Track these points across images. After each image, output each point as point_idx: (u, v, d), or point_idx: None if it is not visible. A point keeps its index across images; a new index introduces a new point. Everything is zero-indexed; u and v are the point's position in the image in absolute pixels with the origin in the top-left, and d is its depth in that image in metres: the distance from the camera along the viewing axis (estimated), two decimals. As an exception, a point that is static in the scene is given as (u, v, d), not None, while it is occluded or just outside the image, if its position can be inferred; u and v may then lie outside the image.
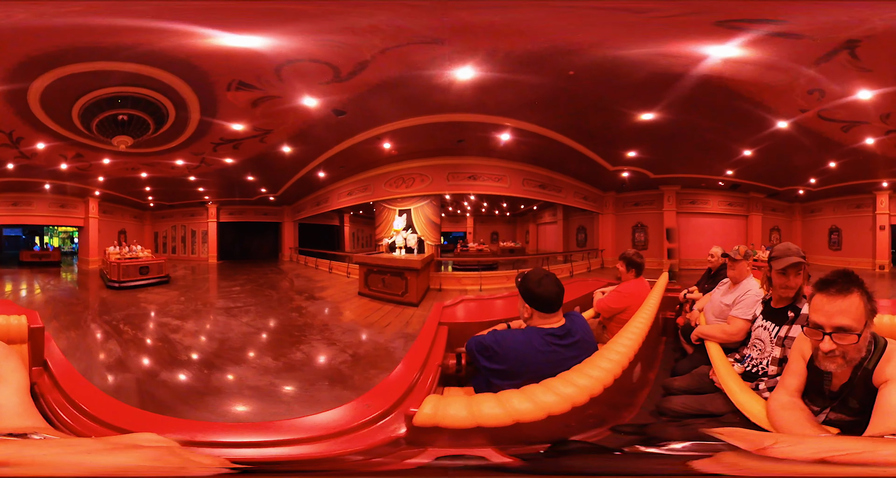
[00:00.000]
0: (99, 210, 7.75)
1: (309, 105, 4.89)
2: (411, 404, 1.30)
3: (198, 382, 3.80)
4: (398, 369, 1.94)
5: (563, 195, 7.77)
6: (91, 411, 1.53)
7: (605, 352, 1.74)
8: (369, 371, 3.98)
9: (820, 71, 4.04)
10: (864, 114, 4.81)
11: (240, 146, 6.06)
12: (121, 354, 4.39)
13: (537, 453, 1.20)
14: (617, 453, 1.27)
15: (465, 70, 4.18)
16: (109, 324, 5.40)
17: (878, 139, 5.34)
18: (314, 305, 6.72)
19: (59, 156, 6.11)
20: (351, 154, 6.70)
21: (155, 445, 0.98)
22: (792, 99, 4.63)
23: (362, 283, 7.00)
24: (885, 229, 6.77)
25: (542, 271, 1.87)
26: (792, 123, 5.13)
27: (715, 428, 1.21)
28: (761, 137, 5.51)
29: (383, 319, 5.81)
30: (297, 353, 4.54)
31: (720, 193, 7.43)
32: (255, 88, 4.49)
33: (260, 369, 4.07)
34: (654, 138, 5.88)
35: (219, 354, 4.48)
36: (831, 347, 1.33)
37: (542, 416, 1.21)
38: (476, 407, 1.20)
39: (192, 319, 5.83)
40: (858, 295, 1.35)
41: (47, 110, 4.92)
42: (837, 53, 3.73)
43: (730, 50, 3.77)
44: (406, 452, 1.24)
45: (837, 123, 5.04)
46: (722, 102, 4.76)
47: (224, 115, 5.19)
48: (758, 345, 2.21)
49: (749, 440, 1.08)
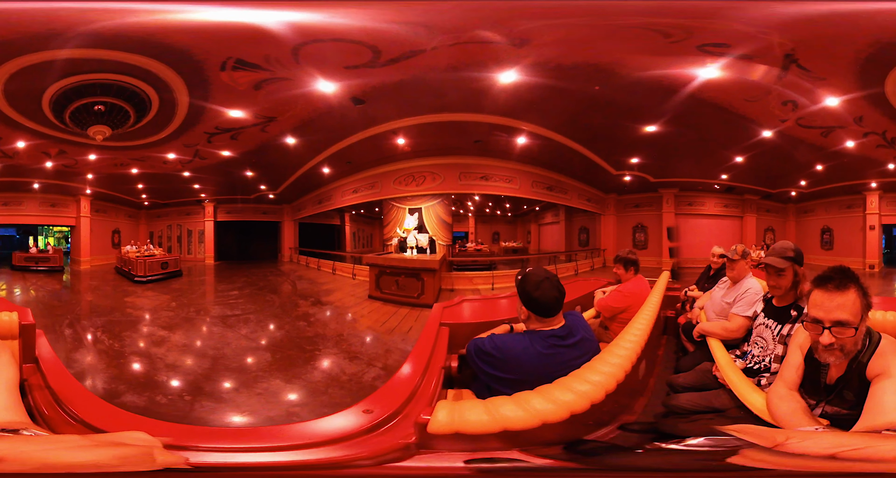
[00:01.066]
0: (91, 209, 7.51)
1: (325, 91, 4.39)
2: (416, 409, 1.30)
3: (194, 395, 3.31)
4: (400, 372, 1.90)
5: (569, 197, 7.90)
6: (76, 412, 1.52)
7: (613, 349, 1.74)
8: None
9: (784, 85, 4.30)
10: (838, 118, 5.01)
11: (238, 136, 5.51)
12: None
13: (559, 452, 1.20)
14: (639, 451, 1.28)
15: (509, 74, 4.16)
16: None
17: (858, 142, 5.54)
18: (321, 311, 6.15)
19: (42, 153, 5.81)
20: (361, 149, 6.37)
21: (138, 444, 1.00)
22: (769, 111, 4.91)
23: (373, 285, 6.69)
24: (876, 229, 6.87)
25: (542, 273, 1.79)
26: (775, 132, 5.39)
27: (728, 425, 1.24)
28: (750, 145, 5.78)
29: (403, 325, 5.33)
30: (315, 372, 3.85)
31: (716, 195, 7.58)
32: (259, 69, 3.95)
33: (267, 395, 3.38)
34: (655, 147, 6.15)
35: (209, 377, 3.73)
36: (830, 340, 1.39)
37: (565, 415, 1.19)
38: (496, 411, 1.18)
39: (180, 329, 5.18)
40: (855, 291, 1.40)
41: (15, 106, 4.58)
42: (787, 69, 4.00)
43: (711, 72, 4.12)
44: (419, 456, 1.22)
45: (816, 129, 5.26)
46: (713, 115, 5.06)
47: (219, 98, 4.57)
48: (759, 342, 2.24)
49: (764, 437, 1.12)
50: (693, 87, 4.36)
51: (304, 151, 6.39)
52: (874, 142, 5.45)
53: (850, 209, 7.14)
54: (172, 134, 5.32)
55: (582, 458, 1.22)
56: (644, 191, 7.65)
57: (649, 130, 5.56)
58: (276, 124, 5.23)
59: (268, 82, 4.18)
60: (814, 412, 1.51)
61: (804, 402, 1.53)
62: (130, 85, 4.28)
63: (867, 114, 4.81)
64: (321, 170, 7.43)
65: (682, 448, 1.25)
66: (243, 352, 4.30)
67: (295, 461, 1.25)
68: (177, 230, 8.46)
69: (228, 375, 3.70)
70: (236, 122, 5.09)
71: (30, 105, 4.52)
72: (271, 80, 4.15)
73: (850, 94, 4.45)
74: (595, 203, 8.13)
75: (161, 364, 3.96)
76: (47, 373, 1.86)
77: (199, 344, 4.69)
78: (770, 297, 2.29)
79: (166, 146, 5.74)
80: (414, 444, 1.24)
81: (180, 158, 6.16)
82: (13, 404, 1.33)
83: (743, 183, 7.31)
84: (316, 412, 3.01)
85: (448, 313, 2.88)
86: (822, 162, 6.32)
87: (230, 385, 3.54)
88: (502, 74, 4.17)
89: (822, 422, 1.44)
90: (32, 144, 5.40)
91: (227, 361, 4.06)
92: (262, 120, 5.07)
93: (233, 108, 4.78)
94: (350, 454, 1.29)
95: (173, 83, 4.26)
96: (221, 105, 4.69)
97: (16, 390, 1.40)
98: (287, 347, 4.53)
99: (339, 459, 1.27)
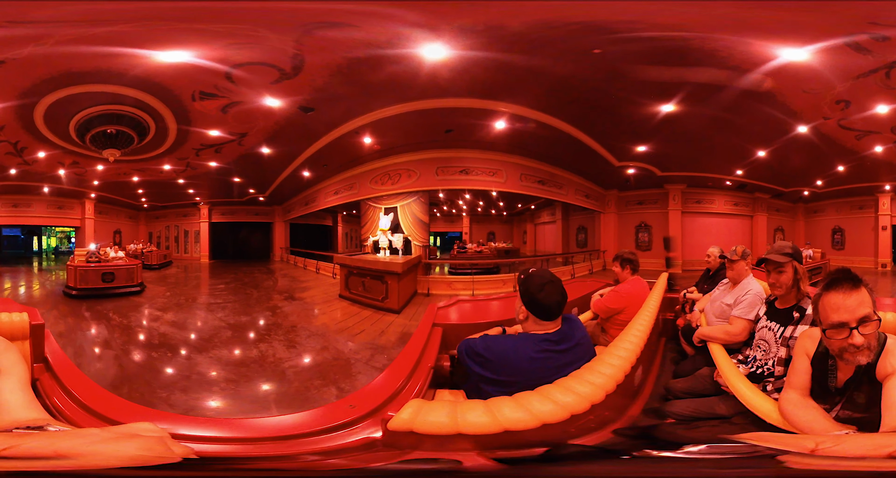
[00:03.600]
0: (95, 211, 7.91)
1: (272, 105, 4.94)
2: (396, 407, 1.29)
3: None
4: (388, 370, 1.92)
5: (564, 192, 7.35)
6: (91, 405, 1.62)
7: (606, 357, 1.69)
8: (314, 381, 3.84)
9: (855, 85, 4.12)
10: (878, 125, 5.00)
11: (221, 150, 6.22)
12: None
13: (529, 457, 1.16)
14: (625, 457, 1.22)
15: (433, 49, 3.78)
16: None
17: (887, 147, 5.55)
18: (291, 305, 6.59)
19: (58, 163, 6.57)
20: (331, 151, 6.50)
21: (150, 434, 1.03)
22: (818, 106, 4.73)
23: (343, 285, 6.71)
24: (888, 230, 7.01)
25: (547, 275, 1.77)
26: (811, 127, 5.24)
27: (740, 434, 1.22)
28: (780, 139, 5.59)
29: (357, 326, 5.56)
30: (254, 351, 4.63)
31: (726, 192, 7.30)
32: (217, 96, 4.69)
33: (214, 358, 4.34)
34: (667, 132, 5.58)
35: (187, 342, 4.88)
36: (862, 340, 1.36)
37: (535, 425, 1.17)
38: (460, 415, 1.18)
39: (172, 311, 6.19)
40: (864, 286, 1.42)
41: (49, 125, 5.39)
42: (878, 72, 3.85)
43: (798, 53, 3.58)
44: (374, 455, 1.26)
45: (853, 131, 5.23)
46: (748, 102, 4.69)
47: (198, 122, 5.41)
48: (762, 345, 2.18)
49: (789, 444, 1.12)
50: (757, 68, 3.78)
51: (280, 157, 6.85)
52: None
53: (861, 210, 7.21)
54: (166, 151, 6.20)
55: (552, 465, 1.16)
56: (648, 186, 7.21)
57: (664, 111, 4.91)
58: (249, 138, 5.95)
59: (229, 106, 4.96)
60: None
61: (821, 407, 1.50)
62: (133, 113, 5.30)
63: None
64: (301, 173, 7.58)
65: (678, 456, 1.21)
66: (214, 329, 5.43)
67: (273, 452, 1.34)
68: (174, 231, 8.84)
69: (199, 343, 4.91)
70: (217, 139, 5.91)
71: (60, 125, 5.45)
72: (231, 104, 4.90)
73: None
74: (594, 200, 7.61)
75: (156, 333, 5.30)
76: (57, 371, 1.92)
77: (185, 321, 5.89)
78: (773, 299, 2.23)
79: (162, 160, 6.60)
80: (379, 440, 1.25)
81: (175, 169, 7.02)
82: (31, 401, 1.34)
83: (756, 180, 7.11)
84: (243, 376, 3.95)
85: (442, 314, 2.88)
86: (845, 164, 6.29)
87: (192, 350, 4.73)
88: (422, 50, 3.78)
89: (850, 427, 1.42)
90: (51, 155, 6.19)
91: (200, 333, 5.31)
92: (237, 136, 5.85)
93: (210, 129, 5.65)
94: (319, 448, 1.35)
95: (163, 112, 5.23)
96: (201, 127, 5.58)
97: (30, 387, 1.43)
98: (246, 329, 5.50)
99: (308, 451, 1.34)
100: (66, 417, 1.60)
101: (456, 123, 5.80)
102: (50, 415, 1.36)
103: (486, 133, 5.90)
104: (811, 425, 1.43)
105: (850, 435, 1.28)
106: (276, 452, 1.34)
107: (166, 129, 5.53)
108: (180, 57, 3.96)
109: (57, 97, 4.77)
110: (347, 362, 4.36)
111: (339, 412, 1.49)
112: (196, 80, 4.45)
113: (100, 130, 5.42)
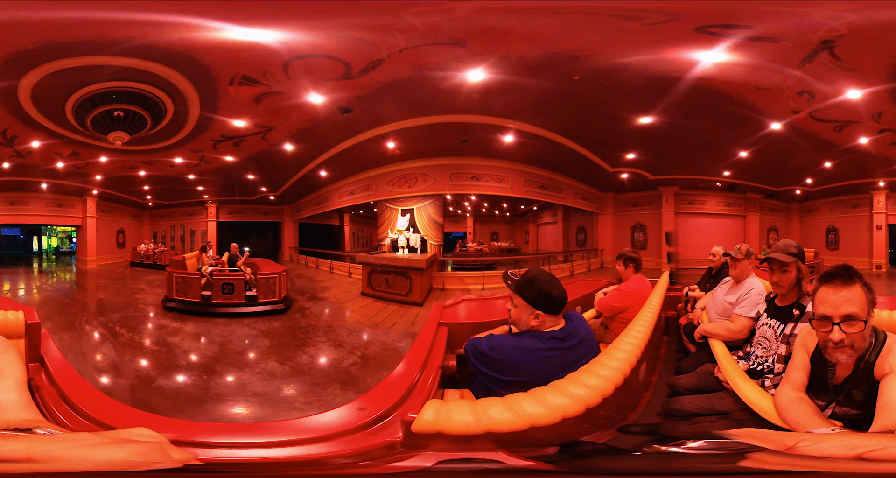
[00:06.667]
0: (97, 209, 7.63)
1: (315, 102, 4.81)
2: (410, 408, 1.29)
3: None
4: (396, 370, 1.89)
5: (564, 196, 7.75)
6: (85, 409, 1.56)
7: (612, 351, 1.72)
8: (381, 372, 3.94)
9: (805, 72, 4.08)
10: (855, 113, 4.83)
11: (241, 144, 5.95)
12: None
13: (552, 454, 1.19)
14: (636, 453, 1.26)
15: (476, 72, 4.22)
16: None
17: (872, 138, 5.37)
18: (316, 305, 6.68)
19: (55, 154, 6.04)
20: (354, 153, 6.63)
21: (146, 440, 1.00)
22: (783, 101, 4.67)
23: (365, 283, 6.97)
24: (882, 229, 6.79)
25: (545, 272, 1.79)
26: (785, 124, 5.17)
27: (731, 430, 1.23)
28: (756, 138, 5.56)
29: (388, 320, 5.79)
30: (304, 356, 4.50)
31: (718, 193, 7.42)
32: (259, 83, 4.37)
33: (265, 374, 3.94)
34: (652, 141, 5.92)
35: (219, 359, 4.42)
36: (841, 336, 1.38)
37: (556, 419, 1.18)
38: (483, 412, 1.16)
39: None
40: (860, 286, 1.41)
41: (40, 107, 4.81)
42: (817, 54, 3.79)
43: (716, 55, 3.86)
44: (401, 455, 1.21)
45: (830, 123, 5.08)
46: (715, 105, 4.81)
47: (225, 110, 5.05)
48: (762, 343, 2.22)
49: (771, 440, 1.12)
50: (696, 72, 4.09)
51: (301, 156, 6.73)
52: (889, 139, 5.32)
53: (855, 209, 7.06)
54: (181, 140, 5.75)
55: (574, 460, 1.20)
56: (643, 189, 7.50)
57: (643, 122, 5.34)
58: (275, 133, 5.68)
59: (266, 96, 4.65)
60: (824, 414, 1.50)
61: (815, 404, 1.52)
62: (150, 93, 4.66)
63: (888, 109, 4.67)
64: (318, 173, 7.63)
65: (682, 451, 1.23)
66: (240, 338, 5.12)
67: (289, 457, 1.27)
68: (180, 230, 8.58)
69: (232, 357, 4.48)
70: (239, 130, 5.55)
71: (52, 106, 4.76)
72: (269, 94, 4.61)
73: (876, 86, 4.25)
74: (592, 202, 8.00)
75: (179, 350, 4.74)
76: (53, 371, 1.88)
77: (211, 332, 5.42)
78: (773, 296, 2.26)
79: (175, 151, 6.16)
80: (399, 443, 1.23)
81: (187, 162, 6.55)
82: (25, 402, 1.32)
83: (746, 181, 7.17)
84: (305, 384, 3.74)
85: (447, 313, 2.85)
86: (831, 159, 6.16)
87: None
88: (470, 73, 4.22)
89: (836, 424, 1.43)
90: (46, 145, 5.63)
91: (226, 346, 4.83)
92: (263, 129, 5.53)
93: (237, 118, 5.26)
94: (336, 451, 1.29)
95: (188, 94, 4.70)
96: (227, 116, 5.17)
97: (25, 387, 1.40)
98: (282, 335, 5.26)
99: (326, 455, 1.28)
100: (57, 419, 1.55)
101: (472, 135, 6.13)
102: (43, 417, 1.34)
103: (497, 144, 6.33)
104: (800, 421, 1.44)
105: (832, 434, 1.29)
106: (296, 457, 1.28)
107: (186, 114, 5.03)
108: (247, 35, 3.61)
109: (47, 72, 4.08)
110: (395, 350, 4.55)
111: (355, 415, 1.44)
112: (246, 63, 4.07)
113: (104, 111, 4.72)
